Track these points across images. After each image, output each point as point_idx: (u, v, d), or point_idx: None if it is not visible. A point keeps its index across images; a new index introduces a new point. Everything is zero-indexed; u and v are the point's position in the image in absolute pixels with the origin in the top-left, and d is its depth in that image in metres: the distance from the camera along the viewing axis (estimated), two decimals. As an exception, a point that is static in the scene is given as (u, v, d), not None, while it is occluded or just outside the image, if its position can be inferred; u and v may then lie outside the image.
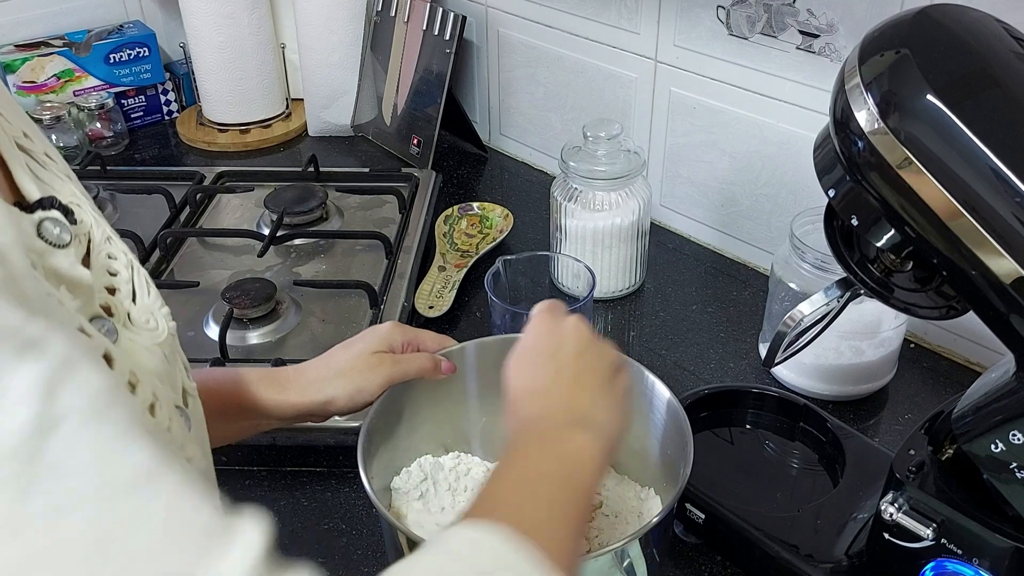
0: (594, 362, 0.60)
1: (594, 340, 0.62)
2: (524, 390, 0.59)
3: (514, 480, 0.51)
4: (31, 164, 0.43)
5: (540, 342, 0.61)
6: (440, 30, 1.31)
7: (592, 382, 0.59)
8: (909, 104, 0.53)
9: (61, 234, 0.41)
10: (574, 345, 0.61)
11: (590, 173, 1.03)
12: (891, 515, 0.63)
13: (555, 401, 0.58)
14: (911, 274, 0.63)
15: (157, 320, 0.48)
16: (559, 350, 0.60)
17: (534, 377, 0.60)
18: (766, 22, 1.01)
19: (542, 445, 0.54)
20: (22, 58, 1.40)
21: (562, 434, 0.55)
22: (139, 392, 0.44)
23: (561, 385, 0.58)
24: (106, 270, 0.46)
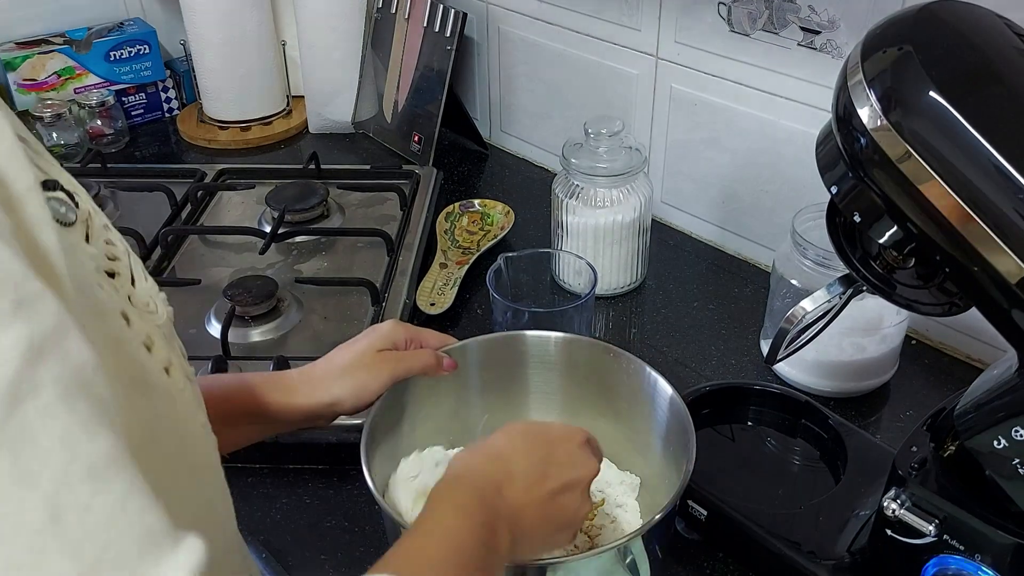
0: (567, 506, 0.59)
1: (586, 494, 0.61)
2: (500, 453, 0.59)
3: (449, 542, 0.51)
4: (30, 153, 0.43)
5: (555, 444, 0.60)
6: (441, 27, 1.30)
7: (548, 515, 0.58)
8: (912, 100, 0.53)
9: (67, 213, 0.41)
10: (572, 476, 0.60)
11: (591, 170, 1.02)
12: (893, 511, 0.63)
13: (514, 491, 0.57)
14: (913, 271, 0.62)
15: (156, 304, 0.48)
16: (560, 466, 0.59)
17: (520, 457, 0.59)
18: (767, 18, 1.01)
19: (481, 515, 0.54)
20: (23, 56, 1.40)
21: (498, 523, 0.54)
22: (155, 352, 0.44)
23: (530, 489, 0.58)
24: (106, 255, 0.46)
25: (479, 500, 0.55)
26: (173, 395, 0.45)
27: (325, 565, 0.78)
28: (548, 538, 0.60)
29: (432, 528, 0.52)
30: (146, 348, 0.44)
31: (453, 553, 0.50)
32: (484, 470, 0.58)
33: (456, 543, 0.51)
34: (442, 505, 0.54)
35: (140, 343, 0.43)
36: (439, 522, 0.52)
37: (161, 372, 0.45)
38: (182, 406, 0.46)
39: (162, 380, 0.44)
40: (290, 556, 0.78)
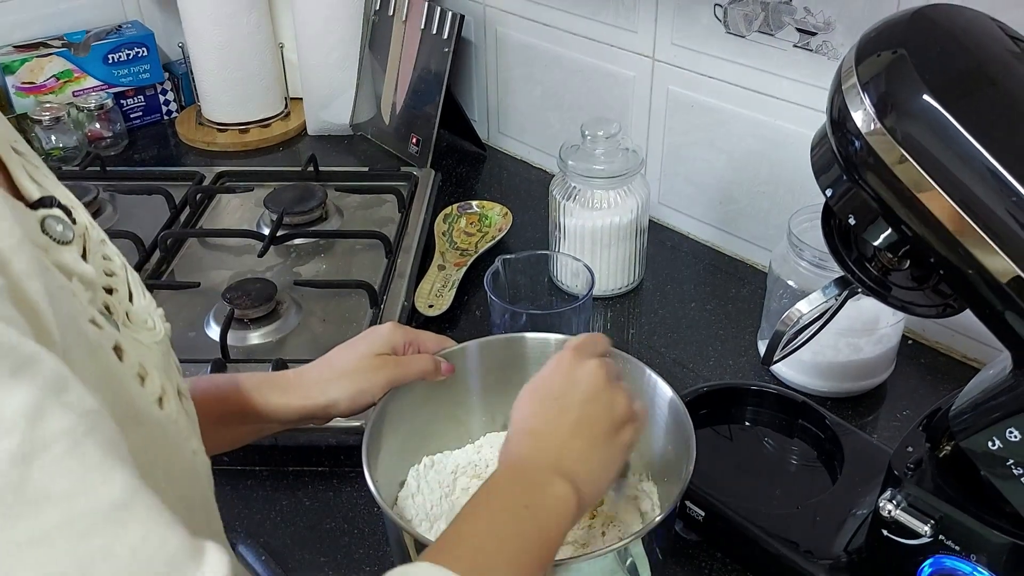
0: (600, 412, 0.60)
1: (608, 387, 0.61)
2: (521, 428, 0.59)
3: (482, 525, 0.52)
4: (27, 166, 0.43)
5: (552, 381, 0.61)
6: (438, 29, 1.31)
7: (591, 432, 0.59)
8: (906, 104, 0.53)
9: (64, 231, 0.42)
10: (584, 390, 0.60)
11: (589, 172, 1.03)
12: (889, 512, 0.63)
13: (546, 444, 0.57)
14: (908, 273, 0.63)
15: (154, 320, 0.49)
16: (567, 393, 0.60)
17: (535, 416, 0.59)
18: (763, 20, 1.01)
19: (519, 490, 0.54)
20: (21, 59, 1.41)
21: (542, 480, 0.55)
22: (148, 384, 0.45)
23: (558, 430, 0.58)
24: (103, 271, 0.46)
25: (512, 474, 0.56)
26: (165, 427, 0.46)
27: (325, 567, 0.78)
28: (607, 449, 0.59)
29: (465, 515, 0.52)
30: (140, 379, 0.44)
31: (487, 532, 0.51)
32: (514, 450, 0.58)
33: (487, 522, 0.52)
34: (477, 496, 0.55)
35: (133, 375, 0.44)
36: (472, 509, 0.53)
37: (153, 404, 0.45)
38: (173, 437, 0.47)
39: (153, 413, 0.45)
40: (289, 558, 0.79)
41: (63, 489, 0.32)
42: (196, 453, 0.50)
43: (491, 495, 0.55)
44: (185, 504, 0.48)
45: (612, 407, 0.60)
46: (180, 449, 0.47)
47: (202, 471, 0.51)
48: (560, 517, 0.54)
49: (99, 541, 0.32)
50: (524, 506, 0.53)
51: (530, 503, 0.53)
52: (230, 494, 0.85)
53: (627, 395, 0.62)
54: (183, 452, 0.48)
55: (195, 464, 0.49)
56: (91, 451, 0.33)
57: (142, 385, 0.44)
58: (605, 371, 0.61)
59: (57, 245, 0.41)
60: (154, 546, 0.34)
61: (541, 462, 0.56)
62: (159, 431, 0.45)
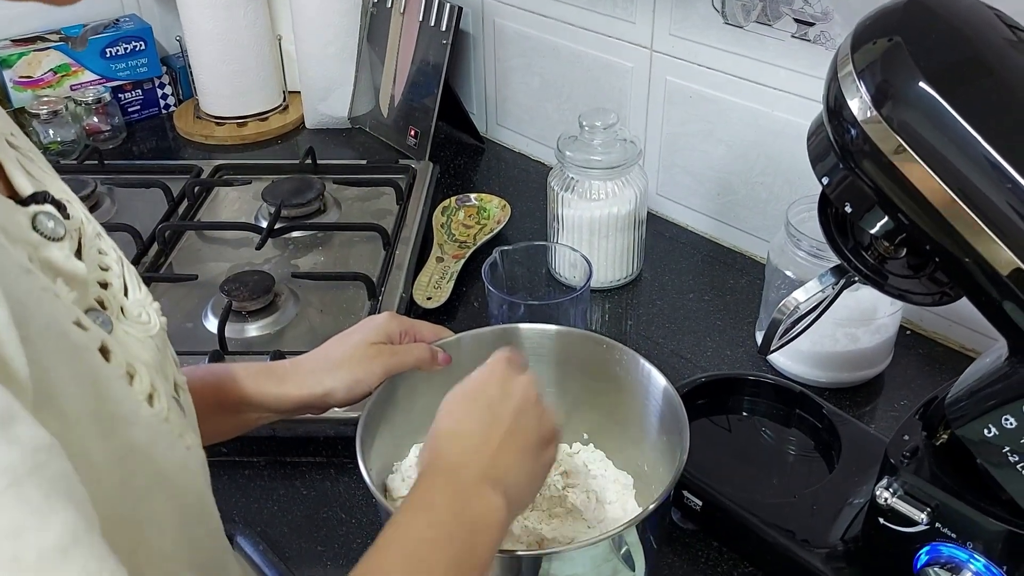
0: (530, 426, 0.59)
1: (538, 404, 0.61)
2: (450, 429, 0.59)
3: (414, 539, 0.50)
4: (21, 159, 0.43)
5: (485, 387, 0.60)
6: (436, 21, 1.31)
7: (521, 445, 0.58)
8: (902, 92, 0.53)
9: (55, 227, 0.41)
10: (517, 402, 0.60)
11: (587, 163, 1.03)
12: (886, 500, 0.63)
13: (478, 452, 0.57)
14: (905, 261, 0.63)
15: (149, 314, 0.48)
16: (500, 402, 0.59)
17: (466, 420, 0.59)
18: (761, 10, 1.01)
19: (452, 498, 0.53)
20: (18, 53, 1.40)
21: (475, 490, 0.54)
22: (136, 383, 0.44)
23: (490, 438, 0.57)
24: (98, 264, 0.46)
25: (444, 483, 0.55)
26: (155, 425, 0.45)
27: (322, 556, 0.78)
28: (534, 463, 0.59)
29: (396, 529, 0.51)
30: (128, 377, 0.44)
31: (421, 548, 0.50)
32: (443, 453, 0.57)
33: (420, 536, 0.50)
34: (407, 506, 0.53)
35: (120, 375, 0.43)
36: (404, 521, 0.52)
37: (142, 403, 0.44)
38: (163, 435, 0.46)
39: (142, 412, 0.44)
40: (287, 547, 0.79)
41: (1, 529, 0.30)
42: (190, 448, 0.49)
43: (422, 504, 0.53)
44: (176, 501, 0.47)
45: (541, 423, 0.60)
46: (172, 446, 0.47)
47: (196, 466, 0.50)
48: (493, 530, 0.53)
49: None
50: (457, 520, 0.52)
51: (464, 514, 0.52)
52: (228, 484, 0.85)
53: (552, 414, 0.62)
54: (175, 449, 0.47)
55: (188, 460, 0.49)
56: (31, 492, 0.31)
57: (130, 384, 0.44)
58: (535, 387, 0.62)
59: (47, 242, 0.41)
60: None
61: (473, 470, 0.56)
62: (148, 430, 0.44)
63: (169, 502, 0.47)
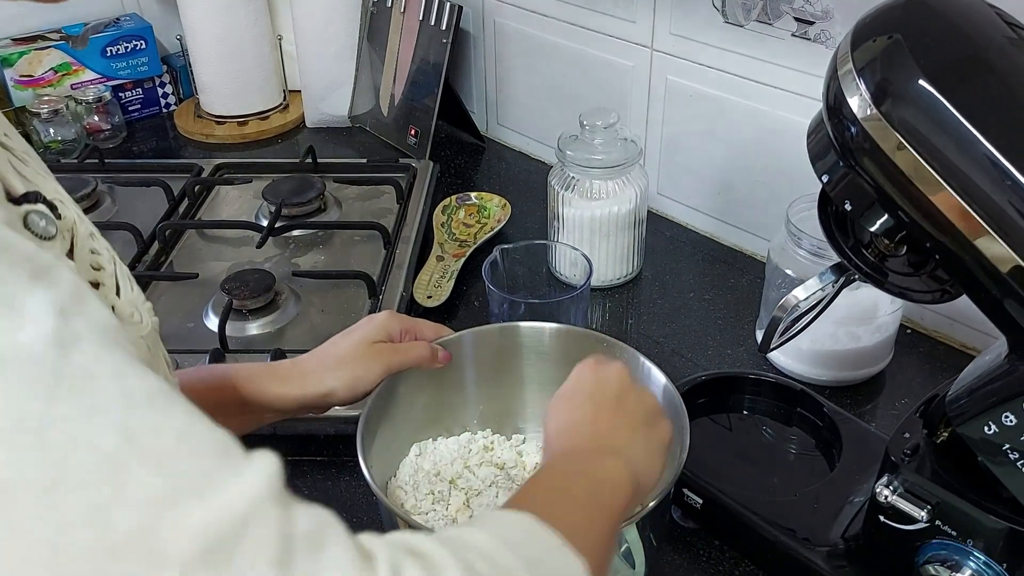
0: (633, 405, 0.60)
1: (636, 386, 0.61)
2: (559, 429, 0.59)
3: (548, 488, 0.51)
4: (13, 161, 0.43)
5: (580, 384, 0.61)
6: (436, 20, 1.31)
7: (629, 422, 0.58)
8: (901, 90, 0.53)
9: (47, 226, 0.41)
10: (615, 387, 0.60)
11: (587, 162, 1.03)
12: (886, 497, 0.63)
13: (588, 433, 0.57)
14: (905, 258, 0.63)
15: (141, 314, 0.49)
16: (598, 391, 0.60)
17: (571, 415, 0.59)
18: (762, 9, 1.01)
19: (573, 465, 0.54)
20: (19, 52, 1.40)
21: (593, 458, 0.55)
22: None
23: (597, 421, 0.58)
24: (90, 264, 0.46)
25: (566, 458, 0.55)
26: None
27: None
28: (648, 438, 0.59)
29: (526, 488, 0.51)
30: None
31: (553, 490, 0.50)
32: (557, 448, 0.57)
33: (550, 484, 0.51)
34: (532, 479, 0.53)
35: None
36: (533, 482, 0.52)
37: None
38: None
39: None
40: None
41: (104, 370, 0.32)
42: None
43: (548, 471, 0.54)
44: None
45: (642, 401, 0.61)
46: None
47: None
48: (619, 489, 0.53)
49: (150, 416, 0.32)
50: (584, 474, 0.52)
51: (590, 475, 0.53)
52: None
53: (652, 393, 0.63)
54: None
55: None
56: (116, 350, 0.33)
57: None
58: (627, 370, 0.62)
59: (40, 241, 0.41)
60: (203, 433, 0.34)
61: (587, 447, 0.56)
62: None
63: None
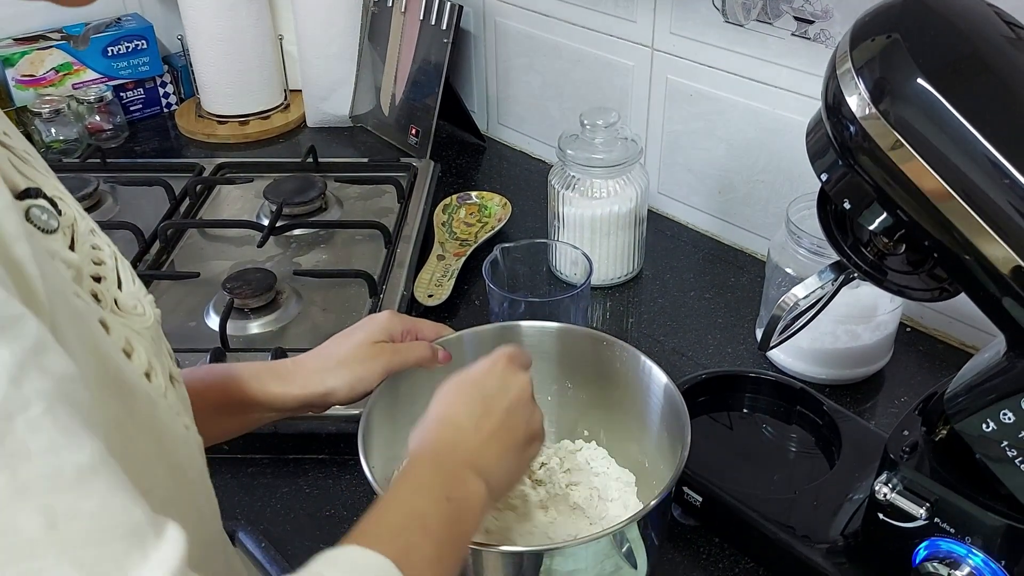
0: (519, 422, 0.62)
1: (530, 403, 0.63)
2: (443, 415, 0.60)
3: (405, 510, 0.52)
4: (13, 160, 0.44)
5: (483, 380, 0.63)
6: (437, 20, 1.31)
7: (509, 439, 0.60)
8: (900, 89, 0.54)
9: (48, 220, 0.42)
10: (511, 399, 0.62)
11: (588, 161, 1.03)
12: (885, 495, 0.63)
13: (466, 439, 0.59)
14: (904, 257, 0.63)
15: (144, 306, 0.49)
16: (495, 396, 0.61)
17: (461, 408, 0.61)
18: (761, 9, 1.01)
19: (438, 477, 0.55)
20: (20, 52, 1.41)
21: (460, 474, 0.56)
22: (135, 358, 0.45)
23: (479, 428, 0.59)
24: (91, 259, 0.46)
25: (433, 465, 0.56)
26: (154, 399, 0.46)
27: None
28: (518, 458, 0.62)
29: (388, 502, 0.53)
30: (125, 354, 0.45)
31: (411, 518, 0.51)
32: (434, 437, 0.59)
33: (411, 508, 0.52)
34: (398, 484, 0.55)
35: (118, 349, 0.44)
36: (395, 496, 0.54)
37: (140, 377, 0.46)
38: (163, 409, 0.47)
39: (141, 384, 0.45)
40: (290, 545, 0.79)
41: (40, 446, 0.32)
42: (188, 428, 0.51)
43: (413, 482, 0.55)
44: (178, 473, 0.48)
45: (530, 421, 0.63)
46: (172, 422, 0.48)
47: (195, 447, 0.51)
48: (475, 514, 0.55)
49: (67, 499, 0.33)
50: (446, 498, 0.53)
51: (452, 495, 0.54)
52: (231, 482, 0.86)
53: (541, 414, 0.65)
54: (175, 425, 0.49)
55: (187, 438, 0.50)
56: (63, 416, 0.34)
57: (129, 359, 0.45)
58: (530, 386, 0.64)
59: (42, 234, 0.41)
60: (117, 513, 0.34)
61: (461, 456, 0.57)
62: (148, 401, 0.46)
63: (170, 474, 0.47)
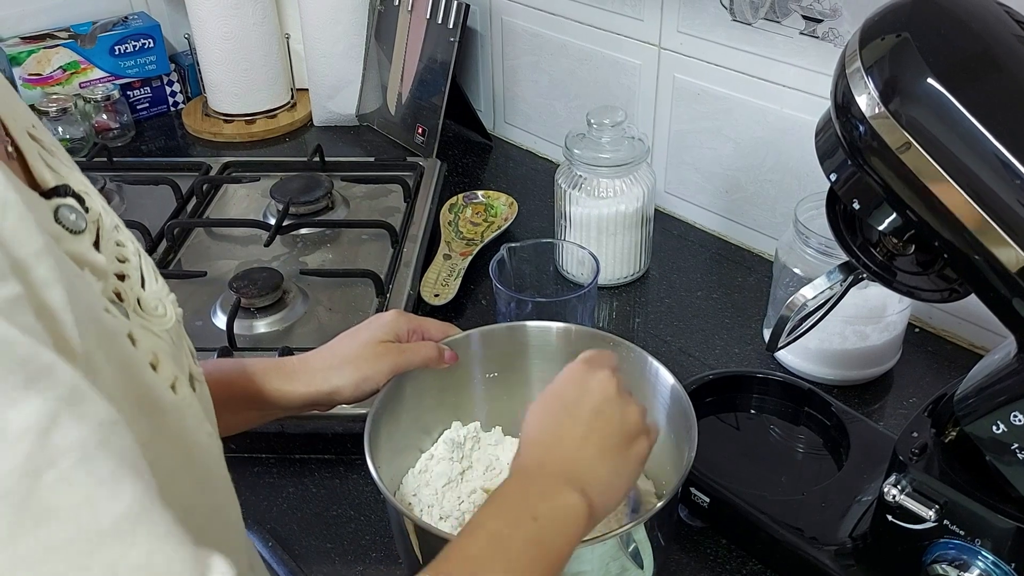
0: (611, 422, 0.59)
1: (620, 399, 0.60)
2: (532, 439, 0.59)
3: (489, 540, 0.50)
4: (42, 153, 0.44)
5: (563, 391, 0.61)
6: (443, 19, 1.31)
7: (602, 442, 0.58)
8: (910, 88, 0.53)
9: (77, 220, 0.42)
10: (596, 400, 0.59)
11: (594, 160, 1.03)
12: (894, 497, 0.63)
13: (556, 453, 0.57)
14: (913, 258, 0.63)
15: (166, 306, 0.49)
16: (578, 402, 0.59)
17: (545, 427, 0.59)
18: (770, 7, 1.01)
19: (529, 501, 0.53)
20: (28, 50, 1.41)
21: (550, 488, 0.54)
22: (160, 371, 0.45)
23: (568, 438, 0.57)
24: (116, 257, 0.46)
25: (520, 486, 0.55)
26: (181, 410, 0.46)
27: (331, 553, 0.79)
28: (620, 459, 0.59)
29: (471, 527, 0.51)
30: (152, 367, 0.44)
31: (490, 543, 0.50)
32: (521, 460, 0.58)
33: (490, 532, 0.51)
34: (483, 509, 0.53)
35: (146, 363, 0.44)
36: (477, 521, 0.52)
37: (166, 390, 0.45)
38: (189, 420, 0.47)
39: (167, 397, 0.45)
40: (296, 544, 0.79)
41: (70, 504, 0.31)
42: (211, 436, 0.50)
43: (499, 506, 0.53)
44: (203, 482, 0.48)
45: (624, 419, 0.60)
46: (196, 432, 0.48)
47: (218, 453, 0.51)
48: (569, 528, 0.53)
49: (104, 558, 0.31)
50: (533, 518, 0.52)
51: (539, 515, 0.52)
52: (237, 482, 0.84)
53: (639, 408, 0.62)
54: (199, 435, 0.48)
55: (211, 446, 0.50)
56: (102, 464, 0.32)
57: (156, 371, 0.45)
58: (616, 382, 0.61)
59: (70, 235, 0.41)
60: (160, 564, 0.33)
61: (550, 471, 0.56)
62: (176, 415, 0.45)
63: (196, 487, 0.47)
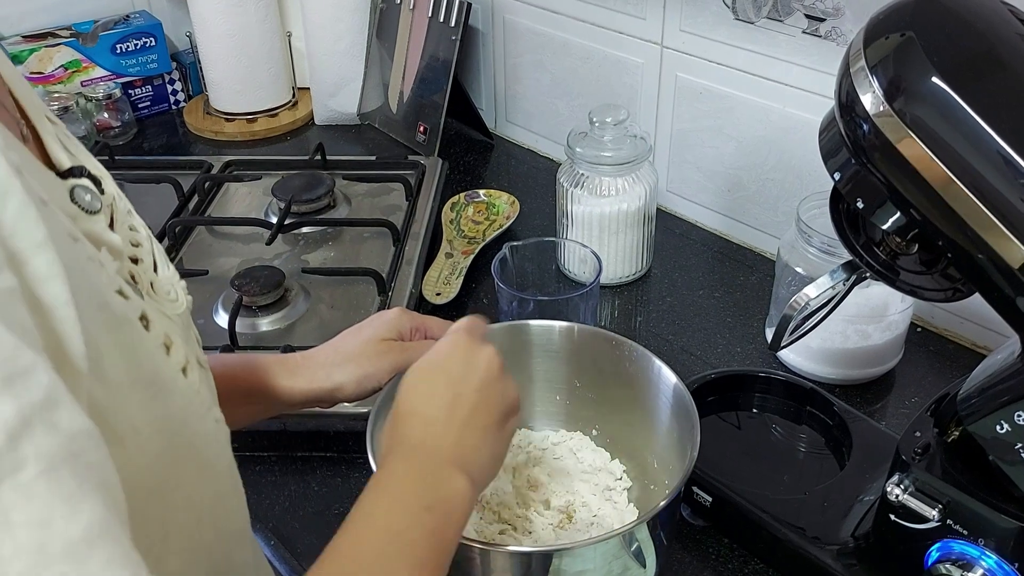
0: (494, 400, 0.58)
1: (502, 376, 0.59)
2: (413, 409, 0.57)
3: (381, 532, 0.48)
4: (60, 136, 0.44)
5: (447, 363, 0.59)
6: (445, 17, 1.31)
7: (485, 421, 0.57)
8: (914, 87, 0.53)
9: (92, 201, 0.42)
10: (481, 378, 0.58)
11: (596, 159, 1.03)
12: (897, 496, 0.63)
13: (441, 433, 0.55)
14: (917, 257, 0.63)
15: (177, 292, 0.49)
16: (464, 379, 0.58)
17: (429, 399, 0.57)
18: (772, 6, 1.00)
19: (414, 485, 0.52)
20: (29, 49, 1.41)
21: (439, 475, 0.53)
22: (173, 354, 0.45)
23: (453, 418, 0.56)
24: (129, 240, 0.46)
25: (408, 470, 0.53)
26: (189, 396, 0.46)
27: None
28: (498, 438, 0.58)
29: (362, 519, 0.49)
30: (165, 349, 0.44)
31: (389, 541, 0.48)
32: (404, 434, 0.56)
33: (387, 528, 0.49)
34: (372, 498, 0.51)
35: (159, 345, 0.44)
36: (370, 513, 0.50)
37: (178, 374, 0.45)
38: (197, 406, 0.47)
39: (178, 382, 0.45)
40: (298, 543, 0.79)
41: (25, 519, 0.29)
42: (219, 422, 0.50)
43: (391, 495, 0.51)
44: (207, 469, 0.48)
45: (504, 396, 0.59)
46: (203, 418, 0.48)
47: (224, 440, 0.51)
48: (459, 514, 0.52)
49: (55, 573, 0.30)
50: (427, 508, 0.50)
51: (432, 504, 0.51)
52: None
53: (515, 385, 0.61)
54: (206, 421, 0.48)
55: (218, 433, 0.49)
56: (67, 479, 0.31)
57: (168, 354, 0.45)
58: (500, 359, 0.60)
59: (85, 215, 0.42)
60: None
61: (438, 454, 0.54)
62: (185, 400, 0.45)
63: (201, 474, 0.47)
